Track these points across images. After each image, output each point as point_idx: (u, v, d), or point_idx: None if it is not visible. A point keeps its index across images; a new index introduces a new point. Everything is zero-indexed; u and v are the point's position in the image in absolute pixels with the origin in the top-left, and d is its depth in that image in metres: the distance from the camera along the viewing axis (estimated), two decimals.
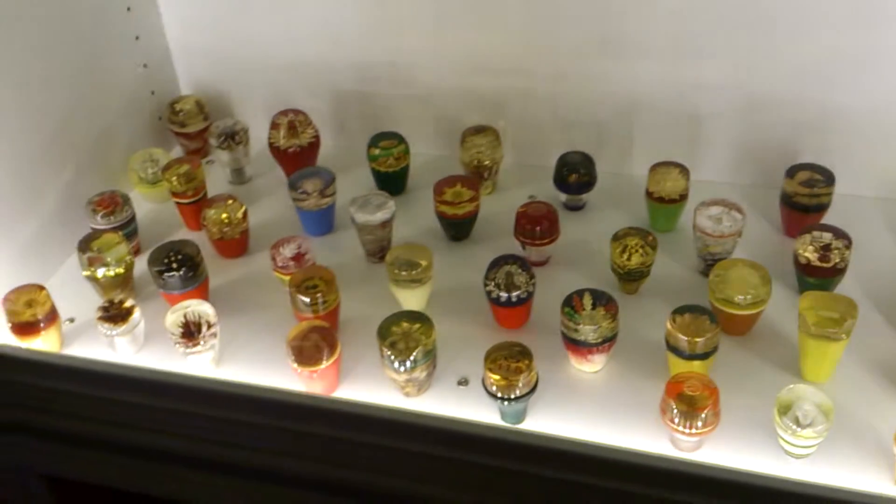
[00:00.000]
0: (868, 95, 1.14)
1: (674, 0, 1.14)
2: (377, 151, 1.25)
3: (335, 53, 1.31)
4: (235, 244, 1.18)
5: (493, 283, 1.03)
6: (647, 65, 1.20)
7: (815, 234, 1.04)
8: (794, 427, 0.85)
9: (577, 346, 0.97)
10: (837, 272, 1.03)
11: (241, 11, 1.30)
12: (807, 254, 1.03)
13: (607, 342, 0.97)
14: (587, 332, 0.96)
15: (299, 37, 1.31)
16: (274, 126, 1.27)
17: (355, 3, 1.25)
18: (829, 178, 1.12)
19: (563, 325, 0.98)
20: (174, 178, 1.20)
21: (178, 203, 1.22)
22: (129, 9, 1.27)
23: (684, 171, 1.16)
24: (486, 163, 1.25)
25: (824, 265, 1.02)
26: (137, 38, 1.29)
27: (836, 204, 1.13)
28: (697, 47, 1.17)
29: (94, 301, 1.07)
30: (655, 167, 1.18)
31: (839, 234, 1.03)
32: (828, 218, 1.12)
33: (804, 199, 1.12)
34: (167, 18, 1.34)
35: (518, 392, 0.92)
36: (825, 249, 1.02)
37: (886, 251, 1.13)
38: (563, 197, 1.23)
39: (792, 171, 1.13)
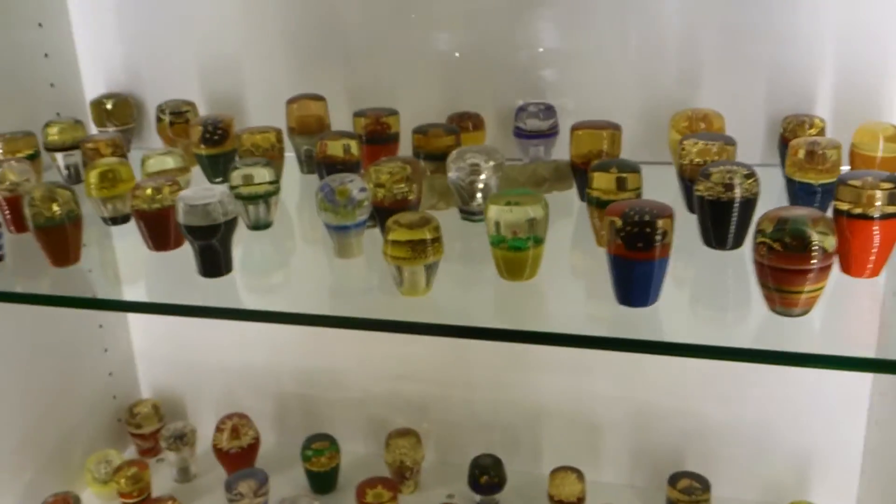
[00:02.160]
0: (747, 407, 1.30)
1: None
2: (310, 452, 1.39)
3: (279, 359, 1.49)
4: None
5: None
6: (551, 377, 1.37)
7: None
8: None
9: None
10: None
11: (202, 324, 1.49)
12: None
13: None
14: None
15: (248, 343, 1.49)
16: (218, 429, 1.41)
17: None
18: (705, 486, 1.25)
19: None
20: (122, 480, 1.33)
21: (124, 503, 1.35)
22: (100, 325, 1.47)
23: (580, 475, 1.29)
24: (408, 463, 1.38)
25: None
26: (105, 350, 1.48)
27: None
28: (593, 362, 1.34)
29: None
30: (555, 472, 1.31)
31: None
32: None
33: None
34: (133, 329, 1.54)
35: None
36: None
37: None
38: (476, 497, 1.36)
39: (673, 479, 1.26)
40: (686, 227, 0.94)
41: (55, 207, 0.96)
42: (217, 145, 1.20)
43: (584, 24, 1.19)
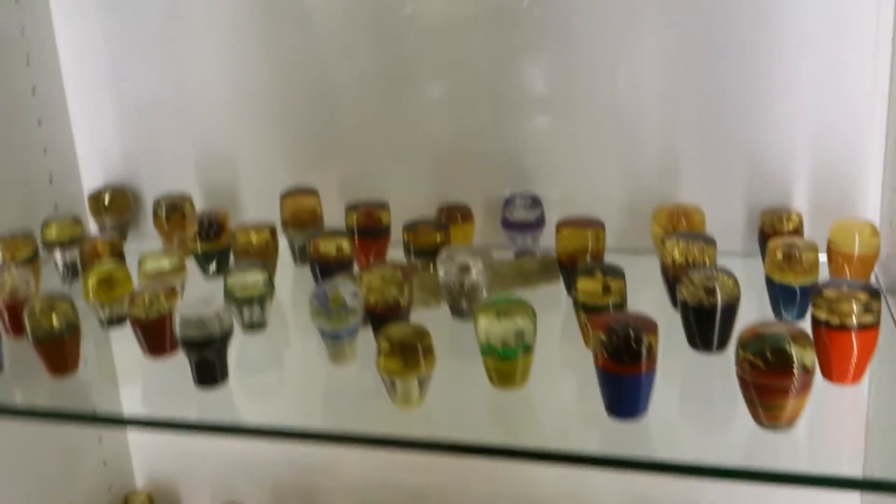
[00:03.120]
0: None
1: None
2: None
3: (276, 446, 1.49)
4: None
5: None
6: (549, 468, 1.37)
7: None
8: None
9: None
10: None
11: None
12: None
13: None
14: None
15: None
16: None
17: None
18: None
19: None
20: None
21: None
22: (100, 440, 1.48)
23: None
24: None
25: None
26: (100, 439, 1.49)
27: None
28: None
29: None
30: None
31: None
32: None
33: None
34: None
35: None
36: None
37: None
38: None
39: None
40: (671, 326, 0.97)
41: (54, 319, 0.98)
42: (212, 241, 1.23)
43: (567, 117, 1.24)
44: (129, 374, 1.06)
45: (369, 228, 1.22)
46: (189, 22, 1.32)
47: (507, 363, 0.90)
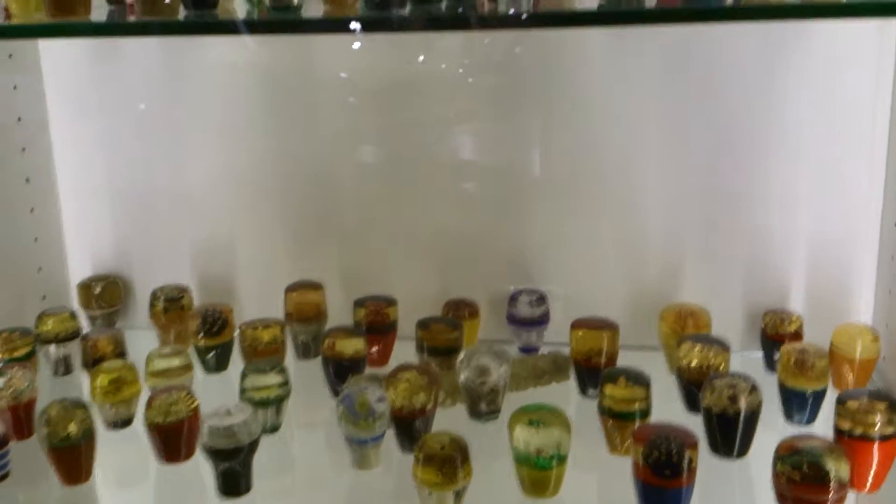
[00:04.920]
0: None
1: None
2: None
3: None
4: None
5: None
6: None
7: None
8: None
9: None
10: None
11: None
12: None
13: None
14: None
15: None
16: None
17: None
18: None
19: None
20: None
21: None
22: None
23: None
24: None
25: None
26: None
27: None
28: None
29: None
30: None
31: None
32: None
33: None
34: None
35: None
36: None
37: None
38: None
39: None
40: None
41: (72, 427, 0.95)
42: (216, 337, 1.21)
43: (570, 215, 1.27)
44: (139, 480, 1.03)
45: (377, 325, 1.22)
46: (190, 109, 1.32)
47: (542, 473, 0.91)
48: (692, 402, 1.05)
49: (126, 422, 1.08)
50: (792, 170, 1.19)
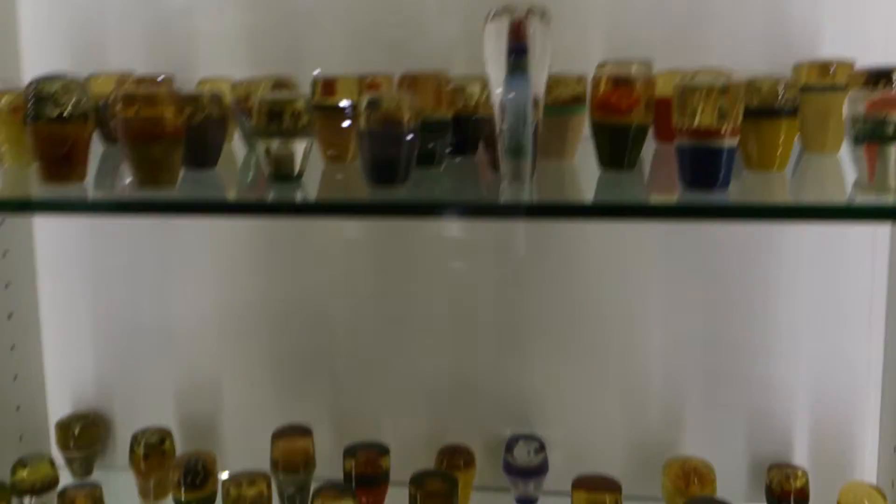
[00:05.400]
0: None
1: None
2: None
3: None
4: None
5: None
6: None
7: None
8: None
9: None
10: None
11: None
12: None
13: None
14: None
15: None
16: None
17: None
18: None
19: None
20: None
21: None
22: None
23: None
24: None
25: None
26: None
27: None
28: None
29: None
30: None
31: None
32: None
33: None
34: None
35: None
36: None
37: None
38: None
39: None
40: None
41: None
42: (197, 489, 1.15)
43: (569, 361, 1.24)
44: None
45: (369, 476, 1.17)
46: (179, 247, 1.29)
47: None
48: None
49: None
50: (793, 321, 1.17)
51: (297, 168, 0.83)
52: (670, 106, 0.94)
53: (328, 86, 0.94)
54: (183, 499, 1.15)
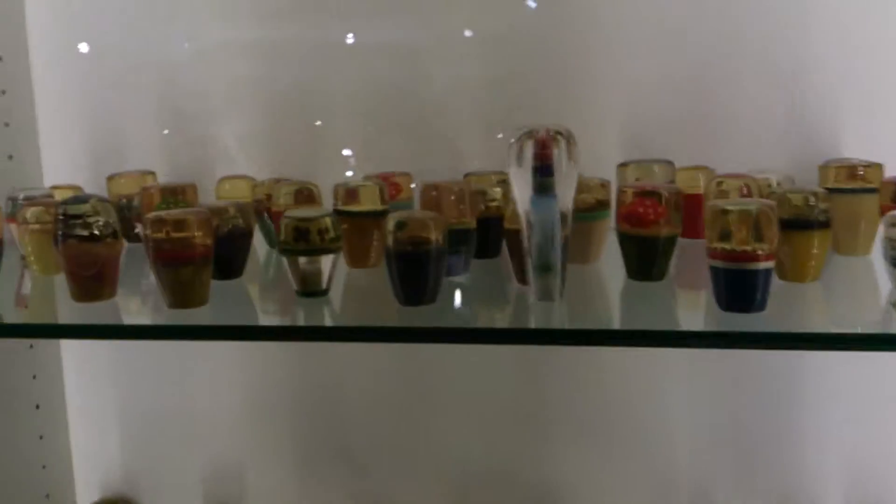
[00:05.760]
0: None
1: None
2: None
3: None
4: None
5: None
6: None
7: None
8: None
9: None
10: None
11: None
12: None
13: None
14: None
15: None
16: None
17: None
18: None
19: None
20: None
21: None
22: None
23: None
24: None
25: None
26: None
27: None
28: None
29: None
30: None
31: None
32: None
33: None
34: None
35: None
36: None
37: None
38: None
39: None
40: None
41: None
42: None
43: (597, 447, 1.22)
44: None
45: None
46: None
47: None
48: None
49: None
50: (823, 410, 1.15)
51: (324, 283, 0.83)
52: (693, 203, 0.96)
53: (351, 193, 0.94)
54: None
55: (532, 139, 0.76)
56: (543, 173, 0.76)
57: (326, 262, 0.82)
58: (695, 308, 0.85)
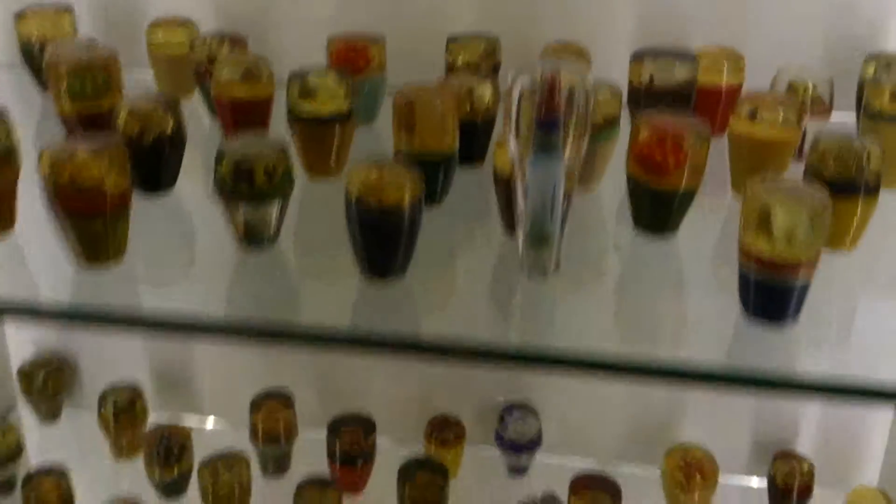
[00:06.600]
0: None
1: None
2: None
3: None
4: None
5: None
6: None
7: None
8: None
9: None
10: None
11: None
12: None
13: None
14: None
15: None
16: None
17: None
18: None
19: None
20: None
21: None
22: None
23: None
24: None
25: None
26: None
27: None
28: None
29: None
30: None
31: None
32: None
33: None
34: None
35: None
36: None
37: None
38: None
39: None
40: None
41: None
42: (171, 469, 1.09)
43: None
44: None
45: (354, 454, 1.10)
46: None
47: None
48: None
49: None
50: None
51: (271, 231, 0.68)
52: (712, 98, 0.85)
53: (307, 89, 0.77)
54: (157, 478, 1.10)
55: (535, 84, 0.59)
56: (548, 128, 0.60)
57: (273, 209, 0.67)
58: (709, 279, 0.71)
